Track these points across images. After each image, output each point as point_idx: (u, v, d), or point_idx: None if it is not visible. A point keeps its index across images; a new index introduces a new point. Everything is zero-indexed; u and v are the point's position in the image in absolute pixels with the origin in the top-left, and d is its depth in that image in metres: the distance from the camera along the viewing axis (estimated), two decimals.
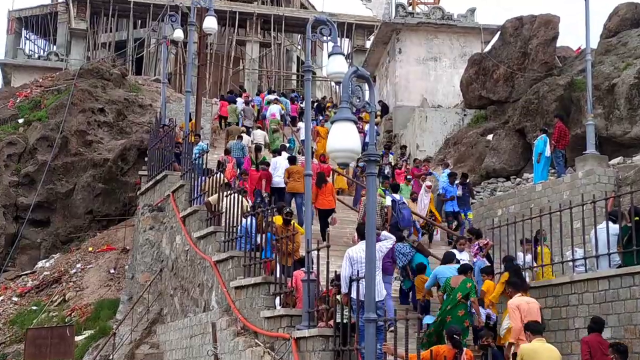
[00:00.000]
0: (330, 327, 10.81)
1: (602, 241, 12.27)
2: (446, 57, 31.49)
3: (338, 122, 8.42)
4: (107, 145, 31.28)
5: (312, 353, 11.03)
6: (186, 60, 35.16)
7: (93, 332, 21.69)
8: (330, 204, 18.50)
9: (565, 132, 19.94)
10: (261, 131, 27.65)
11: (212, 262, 15.38)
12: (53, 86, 35.15)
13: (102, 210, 30.54)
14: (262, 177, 20.12)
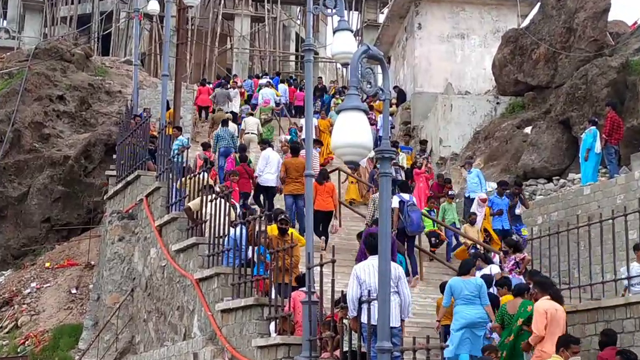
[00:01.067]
0: (336, 358, 10.80)
1: None
2: (475, 33, 31.46)
3: (345, 111, 8.40)
4: (67, 140, 31.30)
5: None
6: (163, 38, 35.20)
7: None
8: (329, 205, 18.55)
9: (618, 124, 19.90)
10: (254, 119, 27.66)
11: (194, 281, 15.37)
12: (3, 69, 35.18)
13: (61, 218, 30.53)
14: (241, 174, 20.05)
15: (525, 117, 25.95)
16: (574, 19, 25.75)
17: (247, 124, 26.76)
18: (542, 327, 11.19)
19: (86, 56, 35.45)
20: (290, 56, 53.18)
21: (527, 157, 23.71)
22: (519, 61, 27.12)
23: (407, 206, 17.40)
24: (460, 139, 27.51)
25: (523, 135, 24.95)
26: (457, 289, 12.70)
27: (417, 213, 17.52)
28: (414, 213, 17.34)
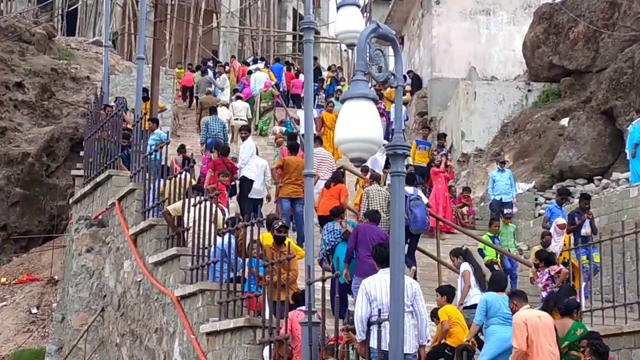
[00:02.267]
0: None
1: None
2: (503, 9, 31.56)
3: (351, 100, 8.41)
4: (27, 135, 31.36)
5: None
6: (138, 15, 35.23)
7: None
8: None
9: None
10: (243, 103, 28.02)
11: (175, 298, 15.37)
12: None
13: (20, 225, 30.59)
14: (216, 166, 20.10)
15: (561, 107, 25.99)
16: None
17: (235, 108, 27.20)
18: (522, 342, 11.28)
19: (48, 36, 35.48)
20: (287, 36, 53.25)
21: (563, 154, 23.74)
22: (554, 41, 27.15)
23: (409, 201, 17.43)
24: (486, 133, 27.56)
25: (559, 128, 25.00)
26: (494, 306, 12.62)
27: (422, 208, 17.56)
28: (418, 208, 17.41)
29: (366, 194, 18.17)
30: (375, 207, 17.64)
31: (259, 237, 13.40)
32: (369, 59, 8.67)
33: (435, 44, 31.29)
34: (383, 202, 17.91)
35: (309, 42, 13.05)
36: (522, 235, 22.00)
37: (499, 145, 26.60)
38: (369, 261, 14.22)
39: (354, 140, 8.15)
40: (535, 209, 22.78)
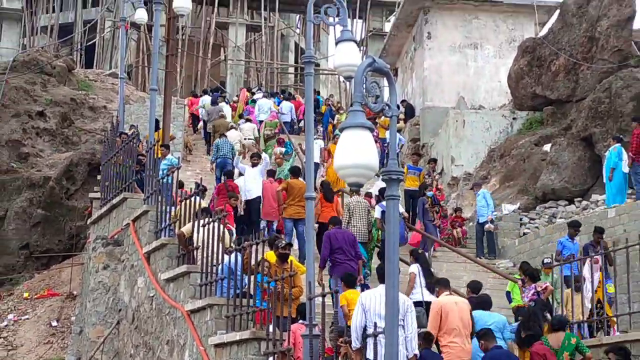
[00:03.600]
0: None
1: None
2: (490, 43, 31.58)
3: (349, 129, 8.41)
4: (48, 160, 31.34)
5: None
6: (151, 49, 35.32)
7: None
8: None
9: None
10: (250, 124, 28.56)
11: (185, 312, 15.33)
12: None
13: (41, 244, 30.54)
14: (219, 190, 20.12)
15: (544, 134, 26.00)
16: (596, 28, 25.84)
17: (244, 129, 27.57)
18: (433, 326, 12.17)
19: (68, 69, 35.55)
20: (289, 68, 53.32)
21: (546, 177, 23.72)
22: (537, 73, 27.18)
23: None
24: (474, 158, 27.56)
25: (542, 153, 24.99)
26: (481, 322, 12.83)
27: (400, 223, 17.49)
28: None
29: (347, 206, 18.29)
30: (356, 216, 17.93)
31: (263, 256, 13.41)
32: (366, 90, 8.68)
33: (427, 75, 31.32)
34: (363, 212, 18.14)
35: (309, 75, 13.06)
36: (508, 253, 21.97)
37: (486, 170, 26.61)
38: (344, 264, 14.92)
39: (352, 166, 8.16)
40: (520, 228, 22.76)
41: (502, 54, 31.09)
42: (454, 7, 31.49)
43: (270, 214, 20.07)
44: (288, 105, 34.47)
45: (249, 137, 27.35)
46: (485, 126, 27.89)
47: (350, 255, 15.64)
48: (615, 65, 24.84)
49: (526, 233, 22.13)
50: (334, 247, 15.59)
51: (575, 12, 26.73)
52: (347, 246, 15.93)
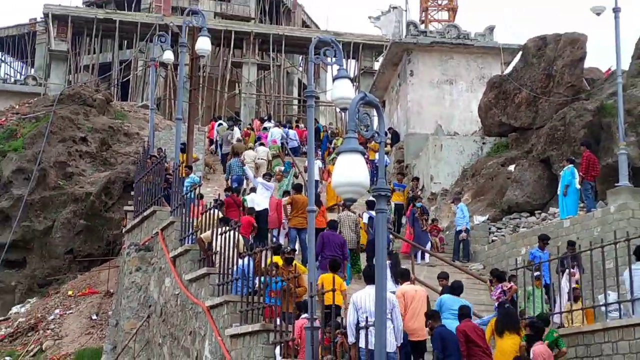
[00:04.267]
0: None
1: (638, 283, 12.22)
2: (463, 79, 31.60)
3: (344, 153, 8.42)
4: (89, 178, 31.35)
5: None
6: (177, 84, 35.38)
7: None
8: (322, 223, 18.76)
9: (594, 162, 19.94)
10: (264, 147, 28.70)
11: (205, 308, 15.30)
12: (30, 113, 35.32)
13: (83, 249, 30.51)
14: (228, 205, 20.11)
15: (509, 156, 26.01)
16: (552, 66, 25.90)
17: (258, 151, 27.95)
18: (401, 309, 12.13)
19: (107, 101, 35.60)
20: (294, 100, 53.37)
21: (511, 193, 23.72)
22: (503, 105, 27.22)
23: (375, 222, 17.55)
24: (450, 176, 27.56)
25: (507, 172, 24.99)
26: (446, 304, 12.93)
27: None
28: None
29: (338, 218, 18.43)
30: (346, 227, 18.15)
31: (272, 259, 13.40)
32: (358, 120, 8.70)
33: (410, 107, 31.34)
34: (351, 224, 18.39)
35: (310, 107, 13.06)
36: (479, 257, 21.92)
37: (460, 187, 26.59)
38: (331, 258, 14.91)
39: (346, 184, 8.20)
40: (489, 236, 22.72)
41: (473, 88, 31.11)
42: (433, 49, 31.54)
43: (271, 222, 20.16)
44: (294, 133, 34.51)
45: (262, 158, 27.59)
46: (459, 150, 27.89)
47: (337, 254, 15.97)
48: (569, 98, 24.89)
49: (494, 240, 22.10)
50: (325, 245, 15.80)
51: (535, 54, 26.79)
52: (336, 247, 16.44)
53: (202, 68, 45.00)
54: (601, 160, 21.54)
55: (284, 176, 24.44)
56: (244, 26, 49.62)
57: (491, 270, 16.49)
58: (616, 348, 11.90)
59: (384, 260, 8.55)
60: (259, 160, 27.61)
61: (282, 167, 26.87)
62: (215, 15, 50.14)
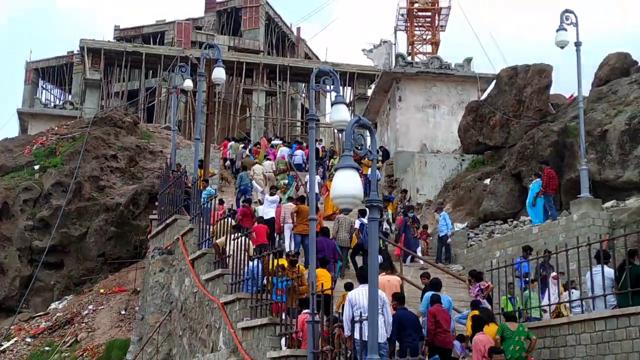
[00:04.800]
0: None
1: (598, 283, 12.21)
2: (444, 104, 31.64)
3: (341, 170, 8.44)
4: (119, 190, 31.34)
5: None
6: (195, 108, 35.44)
7: None
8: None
9: (554, 177, 19.96)
10: (270, 162, 29.25)
11: (220, 304, 15.28)
12: (68, 134, 35.37)
13: (113, 253, 30.48)
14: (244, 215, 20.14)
15: (484, 171, 26.01)
16: (522, 93, 25.94)
17: (265, 165, 28.51)
18: None
19: (134, 123, 35.63)
20: (297, 123, 53.42)
21: (486, 203, 23.70)
22: (479, 126, 27.24)
23: (365, 227, 17.74)
24: (433, 189, 27.56)
25: (483, 185, 24.99)
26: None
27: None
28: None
29: (337, 220, 18.54)
30: (343, 228, 18.46)
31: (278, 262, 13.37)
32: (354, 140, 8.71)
33: (398, 128, 31.37)
34: (347, 226, 18.74)
35: (312, 128, 13.09)
36: (459, 259, 21.88)
37: (442, 198, 26.57)
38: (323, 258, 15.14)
39: (343, 196, 8.22)
40: (467, 241, 22.66)
41: (454, 112, 31.15)
42: (418, 78, 31.59)
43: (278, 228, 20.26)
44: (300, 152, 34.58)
45: (269, 171, 27.88)
46: (442, 165, 27.90)
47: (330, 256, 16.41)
48: (537, 120, 24.91)
49: (472, 245, 22.05)
50: (319, 248, 15.80)
51: (507, 82, 26.83)
52: (329, 250, 16.72)
53: (218, 94, 45.06)
54: (565, 175, 21.55)
55: (288, 188, 24.73)
56: (254, 58, 49.74)
57: (470, 271, 16.44)
58: (579, 339, 11.88)
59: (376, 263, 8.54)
60: (267, 173, 27.91)
61: (286, 180, 27.00)
62: (229, 49, 50.26)
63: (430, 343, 12.15)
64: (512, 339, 12.19)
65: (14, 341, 26.59)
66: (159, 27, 54.32)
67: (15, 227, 30.49)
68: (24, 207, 31.10)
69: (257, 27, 53.82)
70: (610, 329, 11.34)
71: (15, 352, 25.73)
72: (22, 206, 31.07)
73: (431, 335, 12.10)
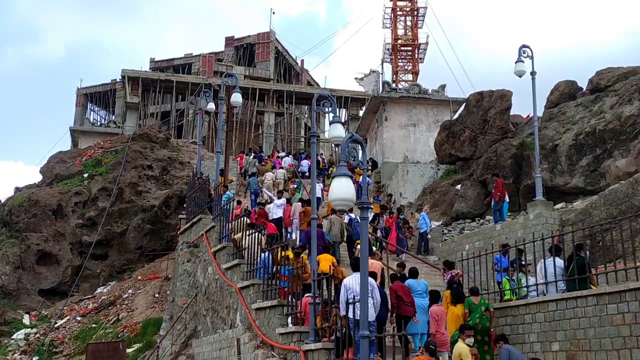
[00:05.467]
0: (332, 342, 10.66)
1: (550, 271, 12.18)
2: (423, 123, 31.64)
3: (337, 177, 8.44)
4: (153, 194, 31.36)
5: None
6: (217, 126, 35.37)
7: (141, 345, 21.47)
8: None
9: (503, 186, 20.05)
10: (282, 170, 29.23)
11: (237, 289, 15.26)
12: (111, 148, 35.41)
13: (149, 246, 30.49)
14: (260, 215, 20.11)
15: (456, 178, 25.98)
16: (487, 114, 25.94)
17: (277, 173, 28.55)
18: None
19: (166, 139, 35.65)
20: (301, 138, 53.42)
21: (458, 205, 23.68)
22: (452, 141, 27.23)
23: (354, 222, 17.64)
24: (414, 193, 27.52)
25: (455, 190, 24.97)
26: (413, 287, 12.76)
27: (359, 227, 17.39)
28: (358, 227, 17.34)
29: (330, 220, 18.28)
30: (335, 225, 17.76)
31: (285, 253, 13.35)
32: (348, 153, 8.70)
33: (385, 143, 31.36)
34: (338, 223, 18.07)
35: (313, 143, 13.09)
36: (435, 252, 21.82)
37: (421, 200, 26.53)
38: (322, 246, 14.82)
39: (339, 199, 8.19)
40: (442, 236, 22.62)
41: (430, 129, 31.14)
42: (401, 101, 31.60)
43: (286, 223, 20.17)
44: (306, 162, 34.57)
45: (280, 178, 28.09)
46: (421, 174, 27.87)
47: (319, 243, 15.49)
48: (499, 137, 24.90)
49: (446, 239, 22.01)
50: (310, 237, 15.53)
51: (474, 104, 26.83)
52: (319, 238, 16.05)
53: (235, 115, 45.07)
54: (523, 182, 21.53)
55: (297, 191, 24.73)
56: (265, 85, 49.77)
57: (444, 261, 16.40)
58: (535, 318, 11.84)
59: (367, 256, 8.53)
60: (278, 179, 27.96)
61: (294, 185, 26.96)
62: (244, 77, 50.29)
63: (397, 314, 12.11)
64: (476, 311, 12.22)
65: (66, 319, 26.56)
66: (187, 60, 54.39)
67: (68, 225, 30.49)
68: (75, 208, 31.10)
69: (268, 59, 53.90)
70: (560, 309, 11.31)
71: (68, 329, 25.69)
72: (74, 207, 31.07)
73: (394, 307, 12.01)
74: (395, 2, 46.20)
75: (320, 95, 12.41)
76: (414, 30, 46.75)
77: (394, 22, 46.42)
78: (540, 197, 18.88)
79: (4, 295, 28.18)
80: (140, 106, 48.84)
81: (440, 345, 11.47)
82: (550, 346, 11.24)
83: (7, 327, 26.45)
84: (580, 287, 11.27)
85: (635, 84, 21.46)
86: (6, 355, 24.37)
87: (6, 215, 30.60)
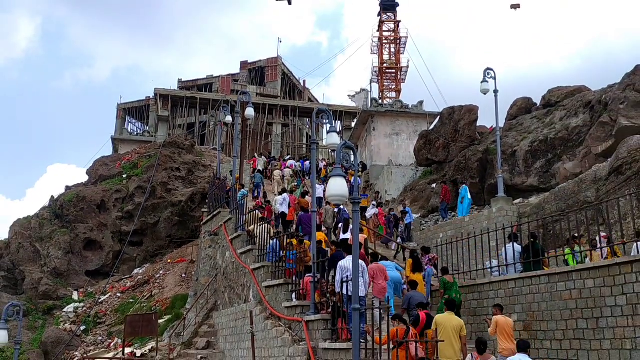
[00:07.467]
0: (328, 314, 10.67)
1: (509, 255, 12.20)
2: (404, 133, 31.68)
3: (333, 177, 8.45)
4: (181, 192, 31.34)
5: (317, 331, 10.89)
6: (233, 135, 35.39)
7: (170, 317, 21.46)
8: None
9: (448, 192, 20.20)
10: (288, 170, 29.09)
11: (250, 270, 15.27)
12: (146, 153, 35.35)
13: (177, 234, 30.46)
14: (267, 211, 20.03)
15: (432, 179, 25.96)
16: (458, 125, 25.91)
17: (285, 172, 28.39)
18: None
19: (192, 146, 35.61)
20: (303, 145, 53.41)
21: (433, 200, 23.65)
22: (428, 148, 27.19)
23: (342, 211, 17.39)
24: (397, 190, 27.54)
25: (431, 188, 24.96)
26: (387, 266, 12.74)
27: (347, 214, 16.94)
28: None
29: (325, 210, 18.07)
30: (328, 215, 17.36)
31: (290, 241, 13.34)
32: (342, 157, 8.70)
33: (373, 149, 31.39)
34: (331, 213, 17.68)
35: (313, 149, 13.09)
36: (415, 239, 21.72)
37: (403, 197, 26.52)
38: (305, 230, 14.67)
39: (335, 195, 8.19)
40: (420, 226, 22.57)
41: (411, 138, 31.15)
42: (386, 115, 31.63)
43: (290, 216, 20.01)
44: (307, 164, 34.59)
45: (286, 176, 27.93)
46: (403, 175, 27.90)
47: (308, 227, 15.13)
48: (468, 144, 24.88)
49: (423, 229, 21.97)
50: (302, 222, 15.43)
51: (447, 117, 26.80)
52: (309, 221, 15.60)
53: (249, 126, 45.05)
54: (487, 181, 21.49)
55: (297, 188, 24.71)
56: (273, 101, 49.75)
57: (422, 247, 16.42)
58: (497, 294, 11.85)
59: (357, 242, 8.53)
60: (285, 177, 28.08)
61: (296, 182, 26.99)
62: (256, 95, 50.26)
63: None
64: (452, 288, 12.14)
65: (108, 296, 26.54)
66: (209, 80, 54.37)
67: (110, 217, 30.48)
68: (115, 203, 31.09)
69: (276, 80, 53.88)
70: (518, 287, 11.33)
71: (110, 303, 25.68)
72: (114, 203, 31.06)
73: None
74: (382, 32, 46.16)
75: (319, 109, 12.42)
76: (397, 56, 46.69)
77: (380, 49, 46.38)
78: (502, 194, 18.90)
79: (57, 276, 28.19)
80: (169, 119, 48.80)
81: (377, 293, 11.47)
82: (510, 317, 11.24)
83: (60, 302, 26.47)
84: (535, 268, 11.29)
85: (580, 100, 21.50)
86: (59, 325, 24.38)
87: (58, 209, 30.62)
